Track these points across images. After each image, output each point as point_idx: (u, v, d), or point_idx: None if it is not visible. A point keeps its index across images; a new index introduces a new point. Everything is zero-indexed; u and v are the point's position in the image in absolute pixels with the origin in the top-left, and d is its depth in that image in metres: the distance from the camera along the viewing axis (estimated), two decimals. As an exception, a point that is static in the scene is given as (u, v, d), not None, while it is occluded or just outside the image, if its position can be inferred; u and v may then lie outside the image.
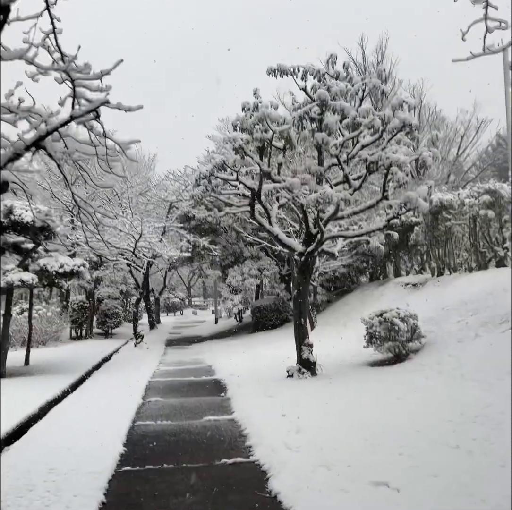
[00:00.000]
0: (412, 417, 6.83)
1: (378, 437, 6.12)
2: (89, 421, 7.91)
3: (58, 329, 22.81)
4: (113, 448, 6.50)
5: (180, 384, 11.45)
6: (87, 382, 12.16)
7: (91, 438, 6.90)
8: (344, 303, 19.96)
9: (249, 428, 7.21)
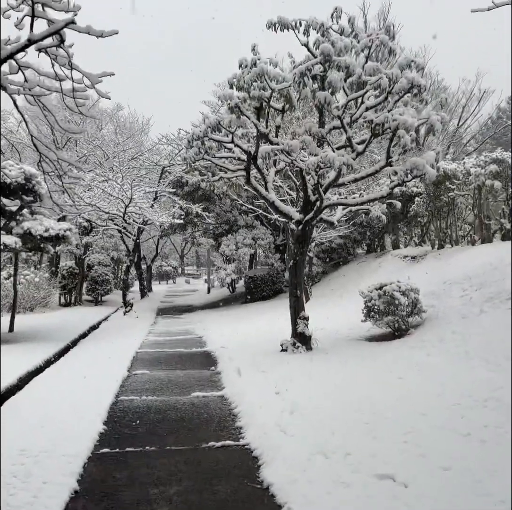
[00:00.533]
0: (416, 398, 6.34)
1: (379, 420, 5.63)
2: (69, 395, 7.39)
3: (46, 295, 22.26)
4: (92, 426, 5.99)
5: (168, 356, 10.95)
6: (72, 352, 11.65)
7: (69, 414, 6.39)
8: (340, 275, 19.46)
9: (240, 406, 6.71)
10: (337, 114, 8.99)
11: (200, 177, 11.40)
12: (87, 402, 6.97)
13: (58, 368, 9.69)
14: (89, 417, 6.29)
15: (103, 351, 11.32)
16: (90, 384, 8.01)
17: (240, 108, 9.37)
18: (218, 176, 11.13)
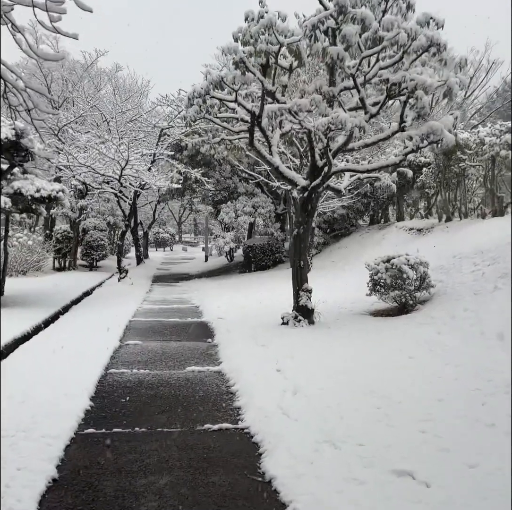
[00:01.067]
0: (430, 381, 5.85)
1: (392, 405, 5.14)
2: (55, 366, 6.89)
3: (40, 259, 21.71)
4: (78, 403, 5.49)
5: (163, 326, 10.46)
6: (63, 318, 11.16)
7: (54, 388, 5.88)
8: (342, 246, 18.92)
9: (238, 383, 6.23)
10: (351, 72, 8.32)
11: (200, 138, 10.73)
12: (74, 374, 6.47)
13: (47, 335, 9.19)
14: (75, 392, 5.79)
15: (95, 318, 10.83)
16: (79, 355, 7.51)
17: (246, 63, 8.69)
18: (220, 138, 10.50)
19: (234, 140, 10.79)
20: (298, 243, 9.36)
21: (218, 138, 10.43)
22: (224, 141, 10.28)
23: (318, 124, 7.87)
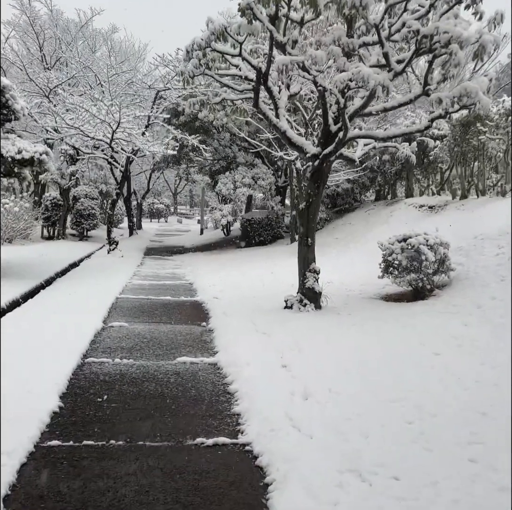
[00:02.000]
0: (466, 387, 4.92)
1: (426, 420, 4.20)
2: (24, 352, 5.93)
3: (27, 226, 20.63)
4: (44, 403, 4.54)
5: (153, 305, 9.49)
6: (43, 293, 10.17)
7: (16, 383, 4.92)
8: (346, 222, 17.90)
9: (237, 381, 5.28)
10: (374, 22, 7.22)
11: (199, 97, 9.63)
12: (46, 364, 5.50)
13: (21, 312, 8.22)
14: (43, 388, 4.83)
15: (79, 294, 9.85)
16: (54, 338, 6.55)
17: (253, 10, 7.57)
18: (221, 97, 9.40)
19: (237, 101, 9.72)
20: (305, 218, 8.35)
21: (219, 98, 9.33)
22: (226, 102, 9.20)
23: (336, 80, 6.80)
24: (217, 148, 19.02)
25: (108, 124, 14.42)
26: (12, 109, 11.54)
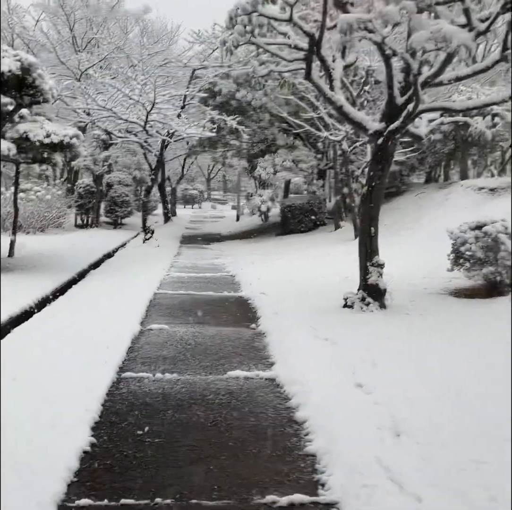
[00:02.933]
0: None
1: None
2: (47, 367, 5.07)
3: (60, 215, 20.02)
4: (72, 439, 3.66)
5: (194, 302, 8.60)
6: (75, 289, 9.38)
7: (38, 409, 4.06)
8: (394, 207, 16.70)
9: (305, 407, 4.32)
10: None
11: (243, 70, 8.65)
12: (74, 383, 4.64)
13: (51, 312, 7.41)
14: (71, 417, 3.96)
15: (114, 290, 9.03)
16: (85, 347, 5.70)
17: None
18: (268, 69, 8.38)
19: (285, 74, 8.69)
20: (368, 204, 7.31)
21: (266, 70, 8.32)
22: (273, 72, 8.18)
23: (413, 40, 5.71)
24: (255, 130, 18.01)
25: (142, 105, 13.51)
26: (40, 89, 10.71)
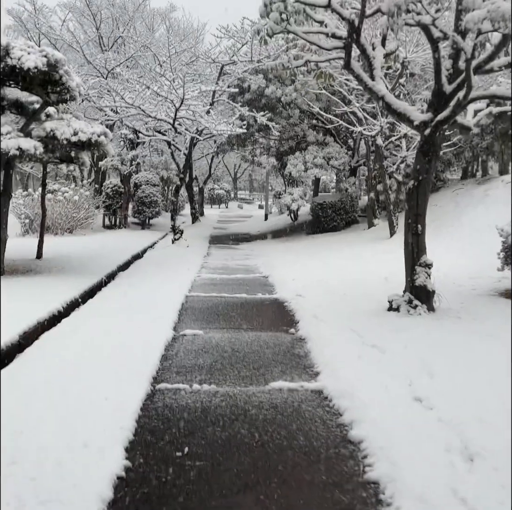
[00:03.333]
0: None
1: None
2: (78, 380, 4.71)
3: (88, 215, 19.87)
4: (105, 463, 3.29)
5: (228, 305, 8.21)
6: (103, 293, 9.06)
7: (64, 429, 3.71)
8: (432, 204, 16.04)
9: (360, 424, 3.89)
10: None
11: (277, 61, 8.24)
12: (105, 397, 4.28)
13: (79, 319, 7.08)
14: (103, 437, 3.60)
15: (144, 293, 8.70)
16: (116, 357, 5.34)
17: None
18: (304, 59, 7.96)
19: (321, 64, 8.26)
20: (414, 200, 6.83)
21: (302, 60, 7.90)
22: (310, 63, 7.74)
23: (467, 21, 5.22)
24: (285, 127, 17.57)
25: (171, 102, 13.17)
26: (67, 86, 10.44)
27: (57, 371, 4.85)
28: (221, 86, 15.88)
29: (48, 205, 18.55)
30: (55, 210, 18.59)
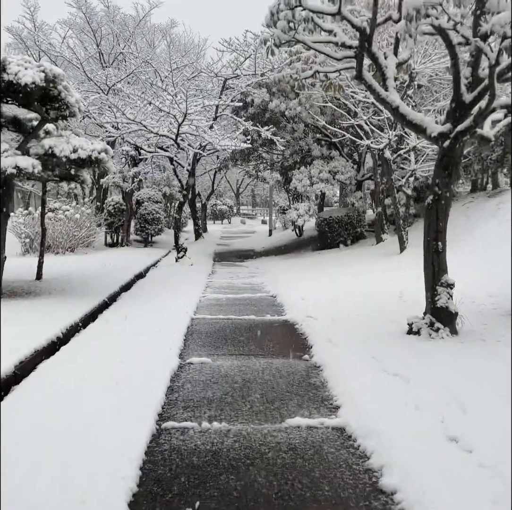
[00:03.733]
0: None
1: None
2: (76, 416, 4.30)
3: (90, 234, 19.52)
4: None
5: (235, 328, 7.80)
6: (106, 315, 8.65)
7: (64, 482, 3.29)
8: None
9: (390, 469, 3.47)
10: None
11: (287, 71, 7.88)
12: (106, 438, 3.86)
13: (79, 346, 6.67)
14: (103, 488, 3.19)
15: (147, 316, 8.29)
16: (118, 389, 4.93)
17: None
18: (313, 70, 7.62)
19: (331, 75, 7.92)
20: (434, 216, 6.44)
21: (311, 71, 7.56)
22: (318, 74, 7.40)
23: (494, 23, 4.87)
24: (290, 141, 17.25)
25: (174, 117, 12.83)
26: (66, 102, 10.13)
27: (54, 406, 4.44)
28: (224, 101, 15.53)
29: (49, 224, 18.23)
30: (56, 229, 18.27)
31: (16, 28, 24.05)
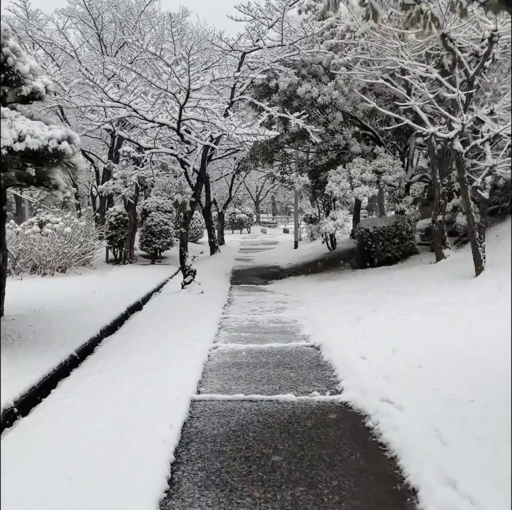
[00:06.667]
0: None
1: None
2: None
3: (85, 250, 16.47)
4: None
5: (264, 427, 4.53)
6: (57, 394, 5.49)
7: None
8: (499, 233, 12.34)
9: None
10: None
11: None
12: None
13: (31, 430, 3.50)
14: None
15: (119, 398, 5.11)
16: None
17: None
18: None
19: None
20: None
21: None
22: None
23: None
24: (323, 135, 14.05)
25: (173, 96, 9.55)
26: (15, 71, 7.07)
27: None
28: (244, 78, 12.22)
29: (35, 240, 15.27)
30: (42, 246, 15.24)
31: (7, 18, 21.25)
